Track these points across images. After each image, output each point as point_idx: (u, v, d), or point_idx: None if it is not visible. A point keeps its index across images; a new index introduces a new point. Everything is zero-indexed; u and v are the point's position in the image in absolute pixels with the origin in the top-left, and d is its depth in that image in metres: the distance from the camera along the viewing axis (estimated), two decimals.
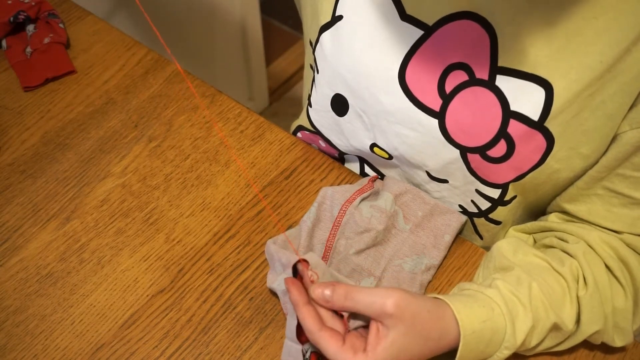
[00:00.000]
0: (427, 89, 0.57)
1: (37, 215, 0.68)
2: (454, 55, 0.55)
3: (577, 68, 0.50)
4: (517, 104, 0.53)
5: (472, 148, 0.57)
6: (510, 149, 0.55)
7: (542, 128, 0.53)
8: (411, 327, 0.49)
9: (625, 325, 0.56)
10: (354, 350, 0.48)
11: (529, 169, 0.56)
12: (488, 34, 0.53)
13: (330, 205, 0.64)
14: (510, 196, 0.61)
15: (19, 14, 0.81)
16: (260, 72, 1.78)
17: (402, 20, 0.57)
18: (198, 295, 0.63)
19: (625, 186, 0.55)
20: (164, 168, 0.72)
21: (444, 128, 0.58)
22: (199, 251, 0.66)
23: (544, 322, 0.54)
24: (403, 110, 0.59)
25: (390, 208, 0.64)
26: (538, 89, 0.52)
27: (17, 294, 0.63)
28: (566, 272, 0.56)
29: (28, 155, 0.73)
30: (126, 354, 0.59)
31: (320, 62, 0.65)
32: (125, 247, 0.66)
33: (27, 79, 0.79)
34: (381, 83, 0.60)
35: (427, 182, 0.65)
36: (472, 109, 0.56)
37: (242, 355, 0.59)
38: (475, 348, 0.52)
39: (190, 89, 0.79)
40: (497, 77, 0.53)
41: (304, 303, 0.51)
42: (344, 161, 0.76)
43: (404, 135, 0.61)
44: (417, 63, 0.57)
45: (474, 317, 0.51)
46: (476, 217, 0.66)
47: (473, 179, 0.60)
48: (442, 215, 0.65)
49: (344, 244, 0.63)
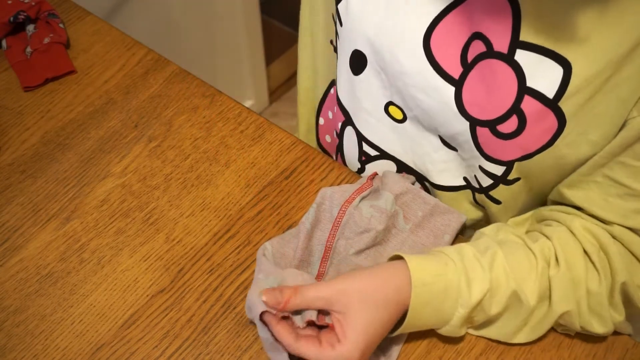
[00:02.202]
0: (450, 56, 0.57)
1: (37, 215, 0.68)
2: (478, 25, 0.55)
3: (597, 49, 0.50)
4: (533, 80, 0.53)
5: (483, 121, 0.57)
6: (521, 125, 0.55)
7: (555, 107, 0.53)
8: (363, 301, 0.53)
9: (601, 310, 0.56)
10: (332, 345, 0.52)
11: (537, 149, 0.56)
12: (512, 8, 0.52)
13: (330, 206, 0.64)
14: (514, 177, 0.60)
15: (19, 14, 0.81)
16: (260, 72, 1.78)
17: None
18: (198, 295, 0.63)
19: (624, 175, 0.55)
20: (164, 168, 0.72)
21: (459, 97, 0.57)
22: (199, 251, 0.66)
23: (504, 289, 0.55)
24: (422, 73, 0.58)
25: (391, 208, 0.64)
26: (556, 67, 0.52)
27: (17, 294, 0.63)
28: (536, 249, 0.58)
29: (28, 155, 0.73)
30: (126, 354, 0.59)
31: (344, 15, 0.64)
32: (125, 247, 0.66)
33: (27, 79, 0.79)
34: (404, 45, 0.59)
35: (437, 149, 0.64)
36: (488, 81, 0.55)
37: (242, 355, 0.59)
38: (430, 303, 0.54)
39: (190, 89, 0.79)
40: (517, 51, 0.53)
41: (277, 322, 0.54)
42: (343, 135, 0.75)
43: (419, 99, 0.61)
44: (444, 29, 0.57)
45: (426, 270, 0.54)
46: (478, 192, 0.66)
47: (477, 154, 0.60)
48: (442, 215, 0.65)
49: (344, 245, 0.63)
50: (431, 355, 0.60)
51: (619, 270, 0.55)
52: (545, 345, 0.60)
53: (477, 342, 0.60)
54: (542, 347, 0.60)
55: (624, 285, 0.56)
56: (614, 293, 0.56)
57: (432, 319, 0.55)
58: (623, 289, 0.56)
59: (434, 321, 0.56)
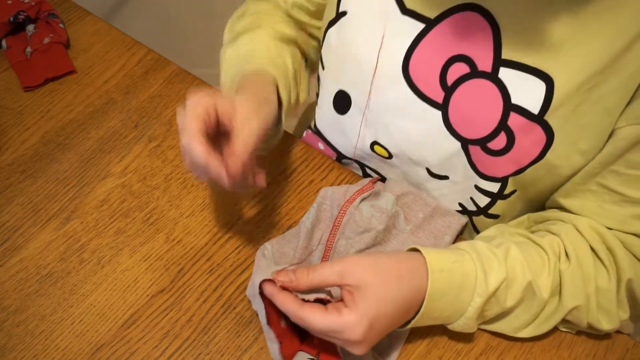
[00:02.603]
0: (430, 81, 0.58)
1: (37, 215, 0.68)
2: (456, 48, 0.56)
3: (578, 63, 0.51)
4: (517, 97, 0.54)
5: (473, 140, 0.58)
6: (510, 141, 0.56)
7: (541, 121, 0.53)
8: (376, 275, 0.51)
9: (609, 306, 0.57)
10: (338, 311, 0.49)
11: (529, 163, 0.57)
12: (491, 26, 0.53)
13: (330, 206, 0.64)
14: (510, 190, 0.61)
15: (19, 14, 0.81)
16: None
17: (402, 15, 0.57)
18: (198, 295, 0.63)
19: (617, 183, 0.55)
20: (164, 168, 0.72)
21: (447, 119, 0.58)
22: (199, 251, 0.66)
23: (520, 281, 0.55)
24: (408, 101, 0.60)
25: (392, 208, 0.64)
26: (539, 82, 0.52)
27: (17, 294, 0.63)
28: (545, 245, 0.58)
29: (28, 155, 0.73)
30: (126, 354, 0.59)
31: (325, 57, 0.66)
32: (125, 247, 0.66)
33: (27, 79, 0.79)
34: (386, 76, 0.60)
35: (427, 180, 0.65)
36: (474, 100, 0.56)
37: (242, 355, 0.59)
38: (447, 291, 0.53)
39: (190, 89, 0.79)
40: (500, 69, 0.54)
41: (279, 291, 0.52)
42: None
43: (406, 129, 0.61)
44: (419, 56, 0.58)
45: (443, 259, 0.54)
46: (475, 215, 0.66)
47: (473, 174, 0.61)
48: (442, 217, 0.65)
49: (344, 244, 0.63)
50: (431, 355, 0.60)
51: (625, 268, 0.56)
52: (545, 345, 0.60)
53: (477, 342, 0.60)
54: (542, 347, 0.60)
55: (629, 282, 0.56)
56: (619, 290, 0.57)
57: (447, 310, 0.54)
58: (629, 287, 0.57)
59: (448, 313, 0.55)
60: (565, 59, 0.51)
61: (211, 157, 0.50)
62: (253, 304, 0.58)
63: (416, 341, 0.60)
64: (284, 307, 0.51)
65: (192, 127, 0.50)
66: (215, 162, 0.50)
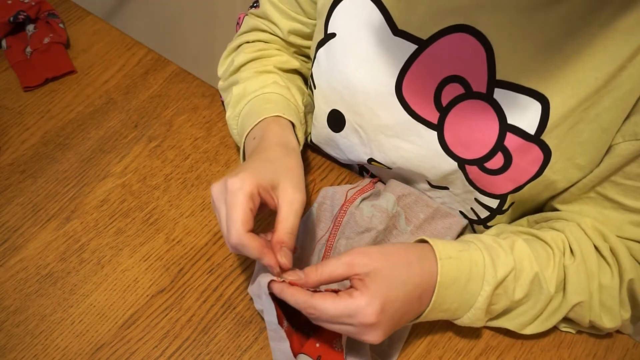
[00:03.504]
0: (424, 102, 0.58)
1: (37, 215, 0.68)
2: (449, 69, 0.55)
3: (573, 83, 0.51)
4: (513, 118, 0.54)
5: (470, 160, 0.58)
6: (507, 161, 0.56)
7: (538, 141, 0.54)
8: (385, 260, 0.51)
9: (612, 304, 0.57)
10: (350, 294, 0.49)
11: (527, 180, 0.57)
12: (484, 48, 0.53)
13: (331, 205, 0.64)
14: (508, 205, 0.61)
15: (19, 14, 0.81)
16: None
17: (394, 36, 0.57)
18: (198, 295, 0.63)
19: (615, 192, 0.56)
20: (164, 168, 0.72)
21: (442, 140, 0.58)
22: (199, 251, 0.66)
23: (528, 271, 0.55)
24: (402, 123, 0.60)
25: (392, 208, 0.64)
26: (534, 103, 0.52)
27: (17, 294, 0.63)
28: (549, 240, 0.58)
29: (28, 155, 0.73)
30: (126, 354, 0.59)
31: (317, 78, 0.65)
32: (125, 247, 0.66)
33: (27, 79, 0.79)
34: (379, 98, 0.60)
35: (428, 189, 0.66)
36: (470, 121, 0.56)
37: (242, 355, 0.59)
38: (458, 278, 0.52)
39: (190, 89, 0.79)
40: (495, 90, 0.54)
41: (288, 286, 0.51)
42: None
43: (402, 149, 0.62)
44: (412, 77, 0.57)
45: (450, 246, 0.54)
46: (476, 223, 0.66)
47: (472, 189, 0.61)
48: (443, 218, 0.65)
49: (345, 244, 0.63)
50: (431, 355, 0.60)
51: (627, 268, 0.56)
52: (545, 345, 0.60)
53: (477, 342, 0.60)
54: (542, 347, 0.60)
55: (631, 282, 0.56)
56: (621, 290, 0.57)
57: (456, 300, 0.54)
58: (630, 287, 0.57)
59: (457, 304, 0.54)
60: (560, 82, 0.51)
61: (265, 251, 0.50)
62: (256, 303, 0.58)
63: (416, 341, 0.60)
64: (295, 299, 0.50)
65: (239, 219, 0.49)
66: (268, 256, 0.50)
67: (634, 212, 0.55)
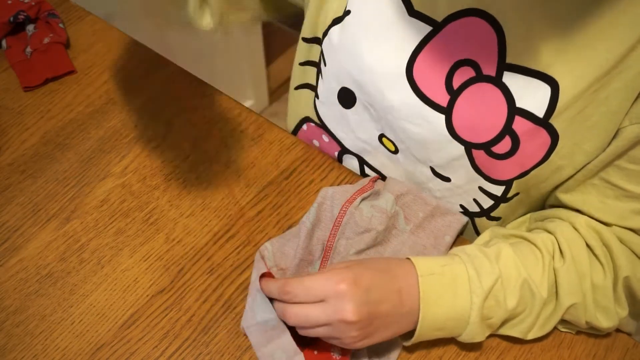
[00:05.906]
0: (435, 85, 0.57)
1: (37, 215, 0.68)
2: (461, 52, 0.55)
3: (583, 65, 0.50)
4: (522, 101, 0.54)
5: (477, 144, 0.57)
6: (514, 145, 0.55)
7: (546, 125, 0.53)
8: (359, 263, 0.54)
9: (606, 303, 0.57)
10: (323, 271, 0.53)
11: (533, 165, 0.56)
12: (495, 32, 0.53)
13: (331, 206, 0.64)
14: (513, 193, 0.61)
15: (19, 14, 0.81)
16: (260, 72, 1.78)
17: (410, 16, 0.57)
18: (198, 295, 0.63)
19: (619, 177, 0.55)
20: (164, 168, 0.72)
21: (450, 124, 0.58)
22: (199, 251, 0.66)
23: (515, 278, 0.55)
24: (410, 106, 0.59)
25: (391, 208, 0.64)
26: (544, 86, 0.52)
27: (17, 294, 0.63)
28: (539, 242, 0.58)
29: (28, 155, 0.73)
30: (126, 354, 0.59)
31: (328, 55, 0.65)
32: (125, 247, 0.66)
33: (27, 79, 0.79)
34: (388, 79, 0.60)
35: (430, 179, 0.65)
36: (478, 105, 0.56)
37: (242, 355, 0.59)
38: (442, 295, 0.53)
39: (190, 89, 0.79)
40: (505, 73, 0.54)
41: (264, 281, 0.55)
42: (342, 162, 0.76)
43: (409, 131, 0.61)
44: (425, 59, 0.57)
45: (432, 262, 0.55)
46: (477, 216, 0.66)
47: (477, 176, 0.61)
48: (443, 217, 0.65)
49: (344, 244, 0.63)
50: (431, 355, 0.60)
51: (622, 265, 0.56)
52: (545, 345, 0.60)
53: (477, 342, 0.60)
54: (542, 347, 0.60)
55: (627, 279, 0.56)
56: (617, 288, 0.57)
57: (450, 318, 0.54)
58: (626, 284, 0.57)
59: (452, 323, 0.54)
60: (570, 63, 0.51)
61: None
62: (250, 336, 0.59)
63: None
64: (269, 289, 0.53)
65: None
66: None
67: (636, 199, 0.55)
